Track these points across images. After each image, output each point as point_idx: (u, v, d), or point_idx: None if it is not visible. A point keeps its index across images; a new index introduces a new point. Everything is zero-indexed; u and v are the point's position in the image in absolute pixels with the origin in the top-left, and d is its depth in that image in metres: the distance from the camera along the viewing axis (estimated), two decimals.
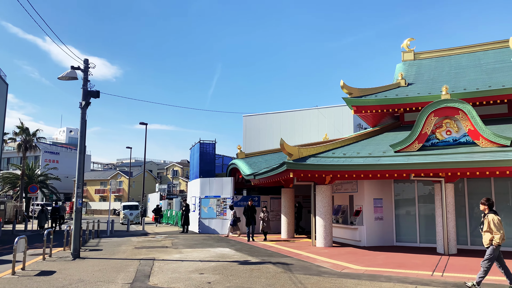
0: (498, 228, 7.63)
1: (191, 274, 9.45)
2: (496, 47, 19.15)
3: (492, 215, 7.80)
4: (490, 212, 7.89)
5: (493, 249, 7.69)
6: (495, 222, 7.67)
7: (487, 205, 7.96)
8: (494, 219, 7.72)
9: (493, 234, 7.66)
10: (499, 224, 7.66)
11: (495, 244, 7.64)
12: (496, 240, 7.61)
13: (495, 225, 7.65)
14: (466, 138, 12.97)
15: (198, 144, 23.68)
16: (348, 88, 16.86)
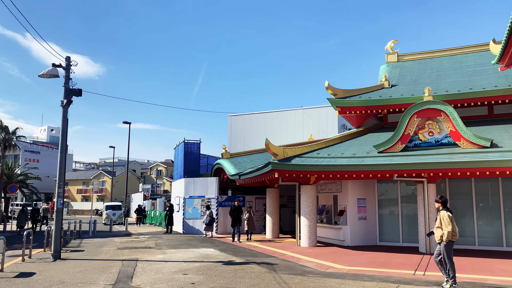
0: (447, 224, 7.80)
1: (174, 274, 9.37)
2: (477, 50, 19.57)
3: (444, 211, 8.00)
4: (443, 209, 8.10)
5: (445, 245, 7.85)
6: (445, 219, 7.86)
7: (441, 202, 8.19)
8: (445, 215, 7.91)
9: (443, 230, 7.85)
10: (449, 220, 7.83)
11: (445, 240, 7.81)
12: (445, 237, 7.78)
13: (445, 222, 7.84)
14: (447, 139, 13.20)
15: (183, 143, 23.52)
16: (333, 89, 16.98)
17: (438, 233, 7.93)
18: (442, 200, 8.18)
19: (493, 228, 13.50)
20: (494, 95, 14.51)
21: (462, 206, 14.08)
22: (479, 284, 8.14)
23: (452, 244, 7.87)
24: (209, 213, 18.87)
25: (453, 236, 7.82)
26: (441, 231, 7.88)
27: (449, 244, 7.82)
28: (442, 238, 7.85)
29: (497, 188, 13.62)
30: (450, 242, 7.83)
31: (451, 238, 7.81)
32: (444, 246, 7.84)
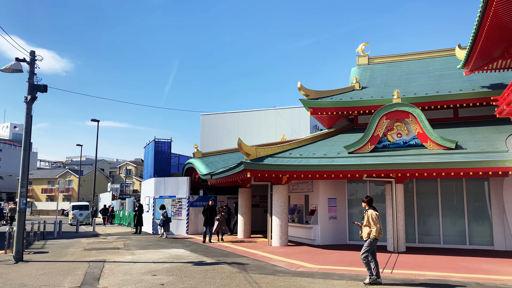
0: (375, 222, 8.17)
1: (143, 276, 9.16)
2: (443, 54, 20.25)
3: (371, 210, 8.37)
4: (370, 208, 8.46)
5: (371, 242, 8.21)
6: (373, 217, 8.23)
7: (367, 201, 8.57)
8: (373, 214, 8.28)
9: (371, 228, 8.19)
10: (377, 219, 8.23)
11: (372, 238, 8.16)
12: (373, 234, 8.14)
13: (373, 220, 8.20)
14: (415, 140, 13.57)
15: (153, 142, 23.11)
16: (305, 90, 17.13)
17: (365, 231, 8.30)
18: (368, 200, 8.59)
19: (457, 227, 13.99)
20: (459, 99, 15.05)
21: (428, 205, 14.52)
22: (443, 281, 8.39)
23: (376, 241, 8.28)
24: (163, 213, 18.81)
25: (379, 234, 8.21)
26: (368, 229, 8.25)
27: (374, 241, 8.23)
28: (369, 236, 8.21)
29: (461, 189, 14.12)
30: (376, 240, 8.23)
31: (377, 235, 8.19)
32: (370, 243, 8.22)
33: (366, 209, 8.52)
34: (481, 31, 11.77)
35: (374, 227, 8.17)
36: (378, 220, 8.25)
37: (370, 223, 8.26)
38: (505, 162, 11.15)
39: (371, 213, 8.33)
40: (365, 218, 8.37)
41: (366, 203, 8.59)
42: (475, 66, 14.45)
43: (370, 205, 8.55)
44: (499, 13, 10.78)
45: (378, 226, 8.17)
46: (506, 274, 9.06)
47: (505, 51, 13.35)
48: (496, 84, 15.23)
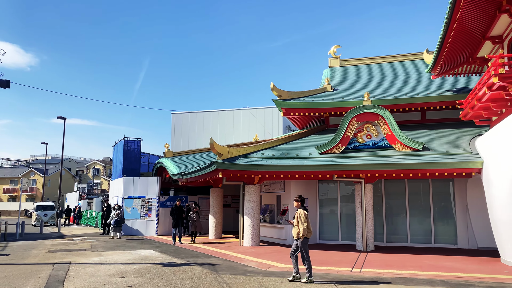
0: (303, 222, 8.33)
1: (111, 277, 8.91)
2: (412, 58, 20.84)
3: (301, 210, 8.52)
4: (301, 207, 8.62)
5: (301, 242, 8.37)
6: (301, 217, 8.38)
7: (300, 201, 8.69)
8: (301, 213, 8.43)
9: (299, 227, 8.35)
10: (305, 218, 8.38)
11: (301, 237, 8.32)
12: (301, 233, 8.31)
13: (301, 219, 8.36)
14: (384, 142, 13.88)
15: (122, 141, 22.59)
16: (278, 91, 17.20)
17: (295, 230, 8.45)
18: (301, 199, 8.72)
19: (423, 226, 14.41)
20: (426, 102, 15.50)
21: (396, 205, 14.88)
22: (409, 279, 8.60)
23: (307, 240, 8.43)
24: (117, 214, 18.58)
25: (308, 233, 8.39)
26: (297, 229, 8.40)
27: (304, 240, 8.38)
28: (298, 235, 8.36)
29: (427, 189, 14.55)
30: (306, 239, 8.38)
31: (306, 234, 8.36)
32: (301, 243, 8.37)
33: (297, 209, 8.63)
34: (447, 37, 12.17)
35: (302, 226, 8.31)
36: (306, 219, 8.38)
37: (299, 223, 8.38)
38: (468, 164, 11.57)
39: (299, 213, 8.45)
40: (295, 217, 8.50)
41: (299, 203, 8.67)
42: (442, 70, 14.94)
43: (302, 205, 8.67)
44: (465, 20, 11.18)
45: (305, 226, 8.31)
46: (468, 271, 9.40)
47: (469, 57, 13.87)
48: (461, 88, 15.80)
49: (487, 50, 13.17)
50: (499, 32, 12.09)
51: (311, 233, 8.49)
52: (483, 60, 13.60)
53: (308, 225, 8.43)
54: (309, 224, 8.46)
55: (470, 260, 11.14)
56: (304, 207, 8.69)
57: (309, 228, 8.46)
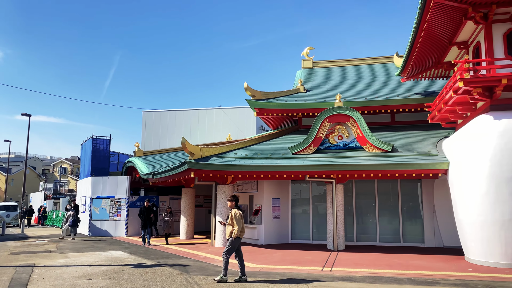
0: (238, 221, 8.39)
1: (77, 280, 8.62)
2: (383, 61, 21.33)
3: (235, 209, 8.56)
4: (235, 207, 8.66)
5: (232, 241, 8.42)
6: (236, 216, 8.43)
7: (234, 201, 8.73)
8: (236, 213, 8.48)
9: (233, 226, 8.40)
10: (239, 218, 8.44)
11: (234, 236, 8.38)
12: (235, 232, 8.36)
13: (236, 219, 8.41)
14: (355, 143, 14.13)
15: (91, 139, 21.97)
16: (252, 91, 17.19)
17: (228, 230, 8.50)
18: (235, 199, 8.75)
19: (392, 226, 14.75)
20: (396, 104, 15.90)
21: (366, 205, 15.18)
22: (378, 278, 8.77)
23: (239, 240, 8.48)
24: (72, 214, 18.26)
25: (241, 233, 8.43)
26: (231, 228, 8.44)
27: (236, 239, 8.42)
28: (231, 234, 8.39)
29: (396, 189, 14.91)
30: (238, 238, 8.43)
31: (239, 234, 8.40)
32: (231, 242, 8.41)
33: (232, 209, 8.64)
34: (416, 42, 12.52)
35: (236, 226, 8.34)
36: (240, 219, 8.43)
37: (233, 222, 8.40)
38: (435, 165, 11.93)
39: (234, 212, 8.47)
40: (229, 217, 8.52)
41: (234, 203, 8.69)
42: (411, 73, 15.36)
43: (236, 205, 8.71)
44: (433, 26, 11.54)
45: (240, 225, 8.36)
46: (434, 270, 9.69)
47: (437, 61, 14.32)
48: (429, 92, 16.29)
49: (453, 55, 13.63)
50: (464, 38, 12.54)
51: (243, 232, 8.52)
52: (450, 64, 14.08)
53: (242, 225, 8.45)
54: (243, 224, 8.48)
55: (436, 258, 11.49)
56: (238, 207, 8.71)
57: (243, 227, 8.49)
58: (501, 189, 9.79)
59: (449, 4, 10.35)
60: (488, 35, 11.03)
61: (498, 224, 9.79)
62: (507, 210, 9.69)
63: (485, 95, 10.58)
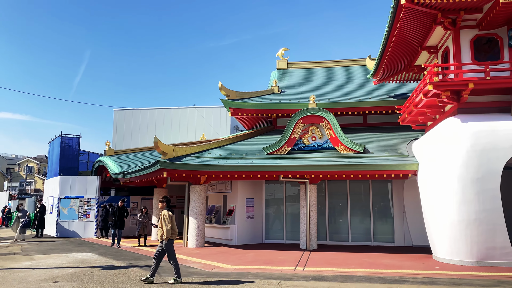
0: (167, 223, 8.17)
1: (43, 283, 8.30)
2: (356, 64, 21.70)
3: (165, 211, 8.32)
4: (165, 209, 8.41)
5: (166, 244, 8.18)
6: (165, 218, 8.21)
7: (164, 202, 8.47)
8: (165, 215, 8.24)
9: (163, 229, 8.20)
10: (169, 220, 8.21)
11: (165, 239, 8.15)
12: (164, 235, 8.14)
13: (165, 221, 8.18)
14: (328, 144, 14.29)
15: (59, 138, 21.28)
16: (226, 90, 17.11)
17: (159, 233, 8.26)
18: (166, 200, 8.49)
19: (363, 225, 15.02)
20: (368, 106, 16.19)
21: (339, 205, 15.39)
22: (349, 277, 8.89)
23: (172, 241, 8.27)
24: (27, 215, 17.91)
25: (172, 235, 8.22)
26: (161, 231, 8.21)
27: (169, 242, 8.22)
28: (162, 237, 8.18)
29: (368, 189, 15.20)
30: (170, 240, 8.23)
31: (171, 236, 8.19)
32: (165, 245, 8.17)
33: (162, 210, 8.39)
34: (388, 45, 12.80)
35: (165, 227, 8.12)
36: (170, 221, 8.18)
37: (162, 224, 8.18)
38: (405, 166, 12.23)
39: (163, 214, 8.23)
40: (159, 219, 8.26)
41: (165, 204, 8.44)
42: (383, 76, 15.69)
43: (168, 206, 8.43)
44: (404, 30, 11.82)
45: (169, 227, 8.13)
46: (404, 268, 9.92)
47: (408, 65, 14.69)
48: (400, 94, 16.69)
49: (423, 59, 14.02)
50: (434, 43, 12.92)
51: (175, 234, 8.29)
52: (420, 68, 14.47)
53: (173, 227, 8.22)
54: (173, 226, 8.25)
55: (405, 257, 11.77)
56: (169, 208, 8.42)
57: (174, 229, 8.25)
58: (467, 189, 10.13)
59: (419, 9, 10.63)
60: (456, 41, 11.40)
61: (464, 224, 10.13)
62: (472, 210, 10.04)
63: (453, 98, 10.92)
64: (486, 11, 10.64)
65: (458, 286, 7.91)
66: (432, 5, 10.50)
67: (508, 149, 10.03)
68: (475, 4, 10.44)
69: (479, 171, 10.06)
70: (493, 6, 10.20)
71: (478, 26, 11.25)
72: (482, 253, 10.03)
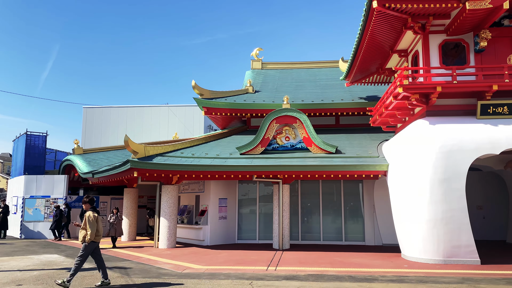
0: (92, 225, 7.79)
1: (5, 286, 7.93)
2: (329, 66, 21.98)
3: (90, 212, 7.94)
4: (90, 209, 8.04)
5: (86, 246, 7.84)
6: (90, 219, 7.81)
7: (88, 202, 8.10)
8: (90, 216, 7.85)
9: (87, 231, 7.82)
10: (94, 221, 7.83)
11: (88, 241, 7.80)
12: (88, 237, 7.77)
13: (89, 222, 7.79)
14: (301, 144, 14.39)
15: (25, 135, 20.50)
16: (200, 89, 16.95)
17: (81, 234, 7.88)
18: (89, 200, 8.13)
19: (335, 225, 15.21)
20: (341, 107, 16.42)
21: (311, 205, 15.52)
22: (320, 276, 8.97)
23: (93, 244, 7.92)
24: None
25: (96, 237, 7.90)
26: (84, 232, 7.85)
27: (90, 244, 7.86)
28: (85, 239, 7.84)
29: (339, 189, 15.40)
30: (92, 243, 7.89)
31: (94, 238, 7.87)
32: (85, 246, 7.84)
33: (86, 211, 8.04)
34: (360, 48, 13.03)
35: (89, 229, 7.76)
36: (95, 222, 7.84)
37: (86, 226, 7.82)
38: (376, 167, 12.47)
39: (88, 215, 7.88)
40: (83, 220, 7.91)
41: (88, 204, 8.09)
42: (355, 78, 15.96)
43: (92, 206, 8.11)
44: (376, 33, 12.05)
45: (94, 229, 7.79)
46: (373, 267, 10.09)
47: (379, 67, 15.00)
48: (372, 96, 17.02)
49: (394, 62, 14.35)
50: (405, 46, 13.24)
51: (100, 236, 7.95)
52: (391, 71, 14.80)
53: (98, 228, 7.88)
54: (98, 227, 7.91)
55: (375, 256, 11.99)
56: (94, 208, 8.08)
57: (99, 231, 7.91)
58: (434, 190, 10.42)
59: (391, 14, 10.87)
60: (425, 45, 11.72)
61: (432, 223, 10.41)
62: (439, 210, 10.34)
63: (422, 101, 11.22)
64: (454, 17, 10.99)
65: (425, 284, 8.12)
66: (402, 10, 10.75)
67: (473, 151, 10.39)
68: (443, 10, 10.77)
69: (446, 172, 10.37)
70: (460, 13, 10.55)
71: (446, 31, 11.61)
72: (448, 251, 10.34)
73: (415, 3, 10.42)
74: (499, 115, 10.90)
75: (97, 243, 7.96)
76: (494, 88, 10.55)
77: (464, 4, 10.13)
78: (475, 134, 10.54)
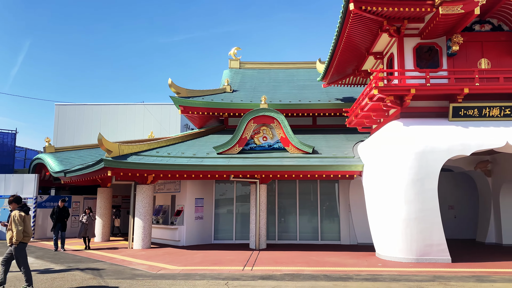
0: (18, 225, 7.26)
1: None
2: (306, 66, 22.13)
3: (16, 211, 7.42)
4: (17, 209, 7.51)
5: (16, 249, 7.29)
6: (16, 219, 7.28)
7: (14, 201, 7.57)
8: (16, 215, 7.33)
9: (13, 231, 7.28)
10: (20, 221, 7.30)
11: (16, 242, 7.25)
12: (15, 239, 7.23)
13: (15, 222, 7.26)
14: (279, 144, 14.42)
15: None
16: (176, 88, 16.75)
17: (8, 235, 7.34)
18: (15, 199, 7.61)
19: (311, 224, 15.32)
20: (317, 108, 16.57)
21: (288, 204, 15.58)
22: (296, 275, 9.00)
23: (24, 245, 7.39)
24: None
25: (25, 237, 7.35)
26: (11, 233, 7.30)
27: (20, 245, 7.33)
28: (12, 241, 7.28)
29: (316, 189, 15.53)
30: (22, 244, 7.35)
31: (23, 239, 7.33)
32: (15, 249, 7.29)
33: (12, 211, 7.51)
34: (337, 50, 13.17)
35: (15, 229, 7.21)
36: (21, 222, 7.28)
37: (12, 226, 7.27)
38: (351, 167, 12.62)
39: (14, 214, 7.33)
40: (10, 221, 7.36)
41: (15, 203, 7.53)
42: (332, 80, 16.12)
43: (19, 205, 7.56)
44: (352, 35, 12.21)
45: (20, 229, 7.21)
46: (348, 266, 10.21)
47: (355, 69, 15.21)
48: (348, 98, 17.24)
49: (370, 64, 14.58)
50: (380, 49, 13.47)
51: (29, 237, 7.37)
52: (367, 73, 15.03)
53: (26, 229, 7.33)
54: (27, 227, 7.35)
55: (350, 255, 12.14)
56: (21, 207, 7.50)
57: (27, 231, 7.34)
58: (408, 190, 10.63)
59: (367, 16, 11.03)
60: (400, 48, 11.96)
61: (405, 223, 10.62)
62: (413, 210, 10.56)
63: (396, 103, 11.43)
64: (428, 21, 11.25)
65: (398, 282, 8.26)
66: (378, 13, 10.93)
67: (445, 152, 10.66)
68: (418, 14, 11.01)
69: (419, 172, 10.60)
70: (433, 17, 10.81)
71: (420, 35, 11.87)
72: (421, 250, 10.58)
73: (391, 6, 10.61)
74: (470, 117, 11.23)
75: (25, 244, 7.38)
76: (465, 91, 10.85)
77: (438, 8, 10.38)
78: (447, 135, 10.82)
